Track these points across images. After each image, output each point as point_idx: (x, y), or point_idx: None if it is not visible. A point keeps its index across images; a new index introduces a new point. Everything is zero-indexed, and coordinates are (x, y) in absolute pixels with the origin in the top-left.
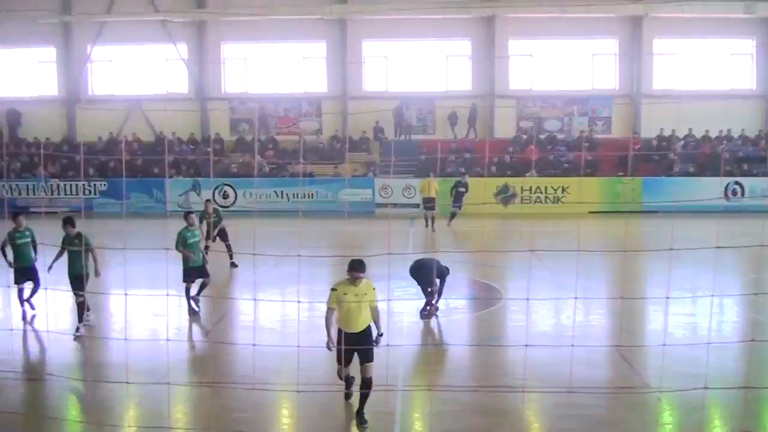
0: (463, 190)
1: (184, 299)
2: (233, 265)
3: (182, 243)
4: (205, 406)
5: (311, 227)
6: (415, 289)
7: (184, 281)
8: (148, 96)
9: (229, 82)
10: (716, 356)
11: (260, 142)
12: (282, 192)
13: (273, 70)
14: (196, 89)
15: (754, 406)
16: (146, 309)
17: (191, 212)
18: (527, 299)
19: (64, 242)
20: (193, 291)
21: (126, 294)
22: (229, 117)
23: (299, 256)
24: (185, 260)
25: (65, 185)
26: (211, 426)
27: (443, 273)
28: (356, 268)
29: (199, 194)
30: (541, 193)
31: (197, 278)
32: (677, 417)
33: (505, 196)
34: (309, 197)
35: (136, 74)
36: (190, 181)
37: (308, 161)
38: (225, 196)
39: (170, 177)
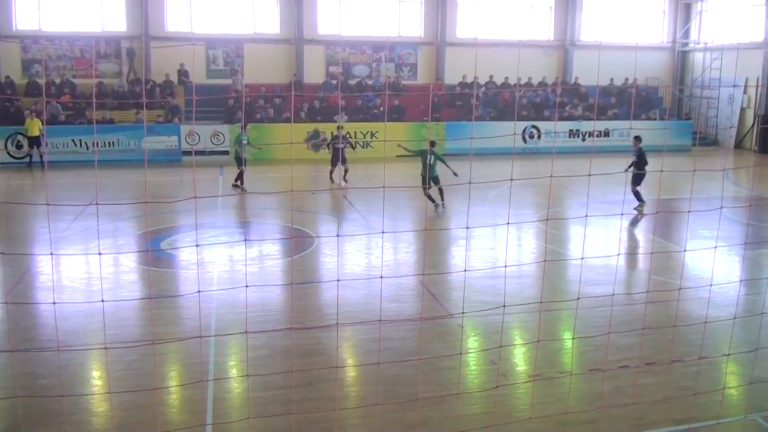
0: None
1: None
2: None
3: None
4: (8, 375)
5: (111, 178)
6: (226, 236)
7: None
8: None
9: (20, 18)
10: (513, 284)
11: (55, 85)
12: (80, 141)
13: (68, 5)
14: None
15: (547, 320)
16: None
17: None
18: (338, 235)
19: None
20: None
21: None
22: (21, 57)
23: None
24: None
25: None
26: (18, 394)
27: None
28: None
29: None
30: (351, 138)
31: None
32: (479, 341)
33: (315, 141)
34: (109, 145)
35: None
36: None
37: (107, 107)
38: (18, 146)
39: None
